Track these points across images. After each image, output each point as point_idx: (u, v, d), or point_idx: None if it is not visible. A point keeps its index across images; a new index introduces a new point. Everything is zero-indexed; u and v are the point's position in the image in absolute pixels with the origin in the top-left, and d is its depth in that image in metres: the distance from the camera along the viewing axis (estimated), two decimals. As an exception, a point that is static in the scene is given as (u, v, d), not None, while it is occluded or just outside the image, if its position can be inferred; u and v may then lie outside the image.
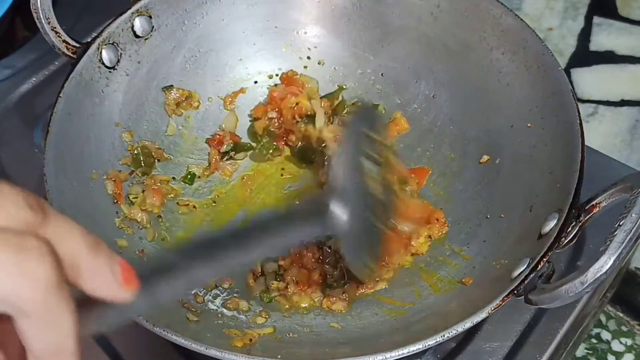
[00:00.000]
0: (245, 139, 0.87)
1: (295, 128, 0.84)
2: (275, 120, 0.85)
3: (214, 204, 0.82)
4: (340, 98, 0.88)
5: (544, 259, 0.60)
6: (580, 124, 0.68)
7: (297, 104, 0.84)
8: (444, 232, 0.77)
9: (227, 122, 0.87)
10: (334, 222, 0.53)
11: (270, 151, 0.85)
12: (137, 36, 0.80)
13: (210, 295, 0.73)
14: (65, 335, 0.33)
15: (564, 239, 0.61)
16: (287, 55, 0.89)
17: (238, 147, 0.86)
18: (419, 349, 0.58)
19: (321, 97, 0.87)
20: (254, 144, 0.86)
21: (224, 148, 0.85)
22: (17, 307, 0.31)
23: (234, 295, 0.73)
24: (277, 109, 0.85)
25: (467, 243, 0.75)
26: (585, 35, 1.11)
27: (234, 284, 0.75)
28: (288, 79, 0.88)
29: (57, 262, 0.32)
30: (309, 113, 0.84)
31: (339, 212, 0.53)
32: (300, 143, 0.85)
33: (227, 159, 0.85)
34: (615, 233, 0.54)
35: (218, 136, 0.85)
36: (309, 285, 0.74)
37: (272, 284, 0.74)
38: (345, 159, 0.57)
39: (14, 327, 0.33)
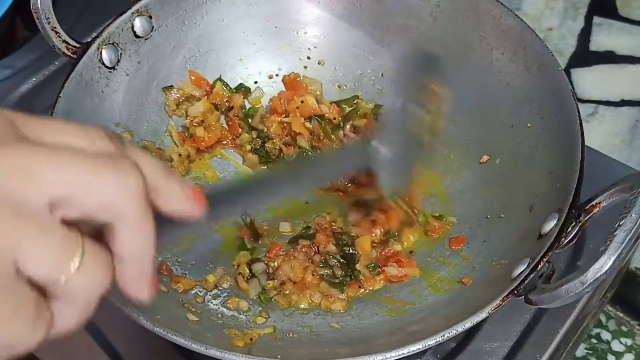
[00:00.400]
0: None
1: (303, 130, 0.82)
2: (284, 124, 0.84)
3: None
4: (354, 106, 0.86)
5: (544, 259, 0.60)
6: (580, 124, 0.68)
7: (302, 101, 0.83)
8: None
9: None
10: (374, 155, 0.62)
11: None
12: (137, 36, 0.80)
13: (210, 295, 0.73)
14: (149, 240, 0.38)
15: (564, 239, 0.61)
16: (287, 55, 0.89)
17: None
18: (419, 349, 0.58)
19: (333, 103, 0.86)
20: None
21: (224, 148, 0.85)
22: (118, 214, 0.36)
23: (234, 295, 0.73)
24: (283, 114, 0.84)
25: (467, 243, 0.75)
26: (585, 35, 1.11)
27: (234, 284, 0.75)
28: (291, 81, 0.87)
29: (144, 178, 0.37)
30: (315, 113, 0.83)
31: (380, 145, 0.63)
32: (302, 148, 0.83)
33: (227, 159, 0.85)
34: (615, 233, 0.54)
35: (218, 136, 0.85)
36: (304, 285, 0.74)
37: (268, 284, 0.74)
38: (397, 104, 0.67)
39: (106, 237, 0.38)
